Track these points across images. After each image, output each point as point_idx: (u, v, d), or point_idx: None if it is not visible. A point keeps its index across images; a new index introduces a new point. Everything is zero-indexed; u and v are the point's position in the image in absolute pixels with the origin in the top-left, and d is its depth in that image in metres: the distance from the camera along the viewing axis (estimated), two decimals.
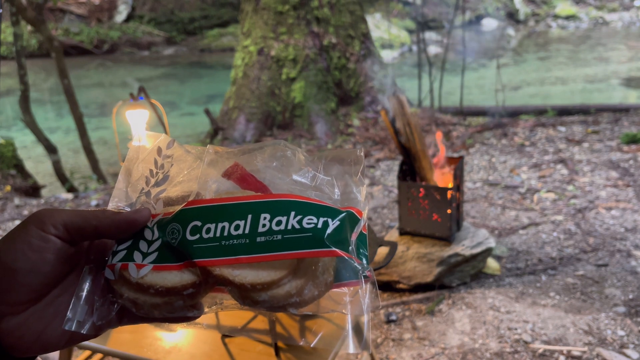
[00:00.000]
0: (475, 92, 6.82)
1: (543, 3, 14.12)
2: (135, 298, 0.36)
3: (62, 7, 12.43)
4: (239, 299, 0.36)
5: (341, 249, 0.37)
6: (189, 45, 12.47)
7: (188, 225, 0.36)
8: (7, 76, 7.37)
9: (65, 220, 0.35)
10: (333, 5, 5.37)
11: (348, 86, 5.39)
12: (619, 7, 13.79)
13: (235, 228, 0.36)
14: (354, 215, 0.39)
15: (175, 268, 0.36)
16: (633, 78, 7.32)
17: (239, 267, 0.35)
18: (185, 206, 0.37)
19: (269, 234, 0.36)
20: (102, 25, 12.40)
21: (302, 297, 0.36)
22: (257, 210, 0.36)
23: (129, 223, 0.37)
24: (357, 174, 0.41)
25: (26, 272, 0.34)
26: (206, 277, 0.36)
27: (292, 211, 0.36)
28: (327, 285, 0.37)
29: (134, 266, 0.36)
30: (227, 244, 0.36)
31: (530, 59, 9.35)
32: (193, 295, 0.37)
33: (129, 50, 12.03)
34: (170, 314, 0.37)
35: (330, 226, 0.37)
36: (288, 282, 0.36)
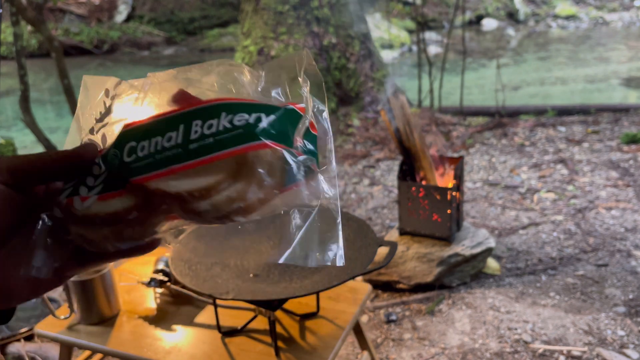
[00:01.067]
0: (475, 92, 6.82)
1: (543, 3, 14.12)
2: (84, 232, 0.35)
3: (62, 7, 12.43)
4: (183, 214, 0.35)
5: (280, 143, 0.35)
6: (189, 45, 12.47)
7: (125, 147, 0.35)
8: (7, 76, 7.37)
9: (8, 165, 0.34)
10: (333, 5, 5.37)
11: (348, 86, 5.39)
12: (619, 7, 13.78)
13: (168, 140, 0.34)
14: (295, 111, 0.37)
15: (117, 195, 0.35)
16: (633, 78, 7.32)
17: (174, 178, 0.34)
18: (122, 129, 0.36)
19: (201, 139, 0.34)
20: (102, 25, 12.40)
21: (247, 201, 0.34)
22: (189, 119, 0.35)
23: (74, 158, 0.36)
24: (300, 73, 0.39)
25: None
26: (146, 197, 0.34)
27: (223, 112, 0.35)
28: (274, 186, 0.34)
29: (78, 199, 0.35)
30: (161, 157, 0.34)
31: (530, 59, 9.35)
32: (139, 220, 0.35)
33: (129, 50, 12.03)
34: (123, 243, 0.36)
35: (264, 121, 0.35)
36: (227, 187, 0.34)
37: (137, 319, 1.29)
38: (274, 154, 0.34)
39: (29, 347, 1.92)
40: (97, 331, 1.26)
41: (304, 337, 1.19)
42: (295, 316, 1.26)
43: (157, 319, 1.29)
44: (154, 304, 1.35)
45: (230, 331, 1.21)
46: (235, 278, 1.19)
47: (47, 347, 1.92)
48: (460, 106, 5.23)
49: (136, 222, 0.35)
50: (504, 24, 13.42)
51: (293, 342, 1.17)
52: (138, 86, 0.39)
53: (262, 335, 1.20)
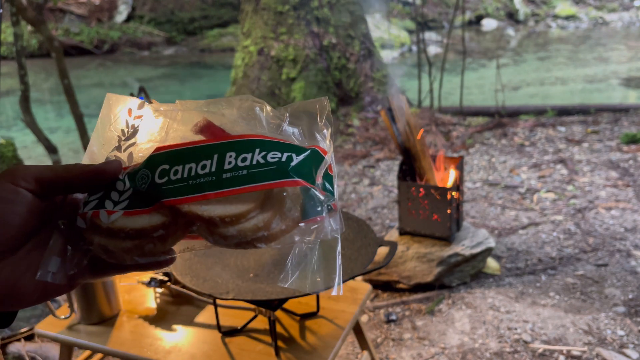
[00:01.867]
0: (475, 92, 6.82)
1: (543, 3, 14.12)
2: (107, 244, 0.37)
3: (62, 7, 12.43)
4: (209, 236, 0.37)
5: (305, 181, 0.38)
6: (189, 45, 12.46)
7: (156, 169, 0.37)
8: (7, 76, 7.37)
9: (36, 174, 0.36)
10: (333, 5, 5.37)
11: (348, 86, 5.39)
12: (618, 7, 13.78)
13: (202, 167, 0.37)
14: (318, 153, 0.40)
15: (145, 212, 0.37)
16: (633, 78, 7.32)
17: (206, 203, 0.36)
18: (154, 152, 0.38)
19: (234, 170, 0.37)
20: (102, 25, 12.40)
21: (270, 231, 0.37)
22: (223, 150, 0.37)
23: (100, 173, 0.38)
24: (322, 119, 0.42)
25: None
26: (175, 217, 0.37)
27: (257, 148, 0.37)
28: (294, 220, 0.37)
29: (105, 213, 0.37)
30: (194, 183, 0.37)
31: (530, 59, 9.35)
32: (163, 237, 0.37)
33: (129, 50, 12.03)
34: (142, 258, 0.38)
35: (295, 160, 0.38)
36: (255, 215, 0.36)
37: (137, 319, 1.30)
38: (300, 190, 0.37)
39: (29, 346, 1.92)
40: (97, 331, 1.26)
41: (304, 337, 1.19)
42: (295, 316, 1.26)
43: (157, 319, 1.29)
44: (154, 304, 1.35)
45: (230, 331, 1.22)
46: (235, 278, 1.20)
47: (47, 347, 1.92)
48: (460, 106, 5.23)
49: (160, 239, 0.37)
50: (504, 24, 13.42)
51: (293, 342, 1.17)
52: (164, 111, 0.41)
53: (262, 335, 1.20)
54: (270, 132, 0.40)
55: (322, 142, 0.41)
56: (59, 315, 1.27)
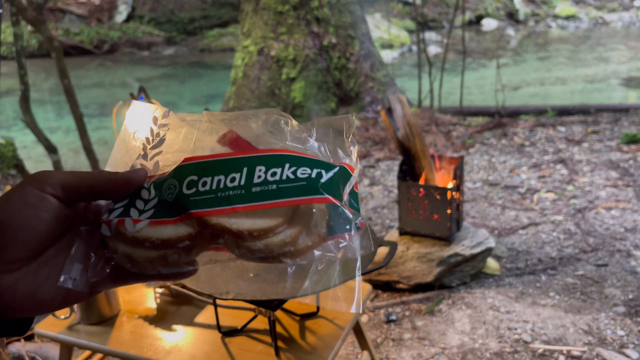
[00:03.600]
0: (475, 92, 6.82)
1: (543, 3, 14.12)
2: (131, 253, 0.36)
3: (62, 7, 12.43)
4: (235, 249, 0.37)
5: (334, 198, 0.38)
6: (189, 45, 12.47)
7: (184, 180, 0.37)
8: (7, 76, 7.38)
9: (62, 180, 0.36)
10: (333, 5, 5.37)
11: (348, 86, 5.39)
12: (618, 7, 13.78)
13: (231, 180, 0.37)
14: (347, 170, 0.40)
15: (172, 222, 0.37)
16: (633, 78, 7.32)
17: (235, 216, 0.36)
18: (182, 163, 0.38)
19: (264, 184, 0.37)
20: (102, 25, 12.40)
21: (296, 246, 0.37)
22: (252, 164, 0.37)
23: (125, 182, 0.38)
24: (348, 136, 0.42)
25: (21, 229, 0.34)
26: (202, 229, 0.36)
27: (287, 163, 0.37)
28: (320, 236, 0.37)
29: (130, 221, 0.37)
30: (223, 195, 0.36)
31: (530, 59, 9.35)
32: (188, 248, 0.37)
33: (129, 50, 12.03)
34: (165, 268, 0.38)
35: (324, 177, 0.38)
36: (283, 230, 0.36)
37: (137, 319, 1.29)
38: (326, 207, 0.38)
39: (29, 347, 1.92)
40: (97, 331, 1.26)
41: (304, 337, 1.19)
42: (295, 316, 1.26)
43: (157, 319, 1.29)
44: (154, 304, 1.35)
45: (230, 331, 1.22)
46: (235, 278, 1.20)
47: (47, 347, 1.93)
48: (460, 106, 5.23)
49: (185, 250, 0.37)
50: (504, 24, 13.42)
51: (293, 342, 1.17)
52: (190, 121, 0.42)
53: (262, 335, 1.20)
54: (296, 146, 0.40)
55: (348, 159, 0.41)
56: (59, 315, 1.27)
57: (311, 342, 1.17)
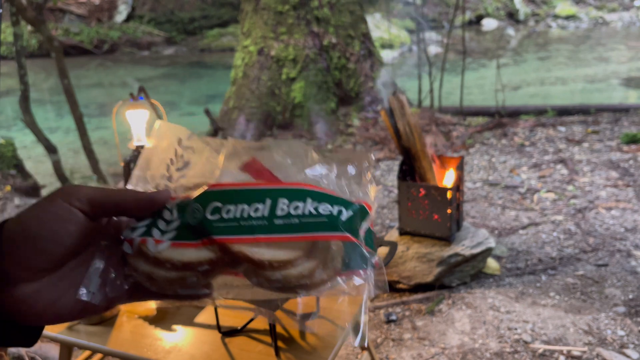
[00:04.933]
0: (475, 92, 6.82)
1: (543, 3, 14.12)
2: (151, 272, 0.38)
3: (62, 7, 12.42)
4: (253, 277, 0.38)
5: (353, 236, 0.39)
6: (189, 45, 12.46)
7: (208, 205, 0.38)
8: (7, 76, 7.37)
9: (90, 195, 0.37)
10: (333, 5, 5.37)
11: (348, 86, 5.39)
12: (618, 7, 13.78)
13: (255, 211, 0.38)
14: (364, 209, 0.41)
15: (193, 246, 0.38)
16: (633, 78, 7.32)
17: (257, 246, 0.37)
18: (207, 189, 0.40)
19: (287, 217, 0.38)
20: (102, 25, 12.39)
21: (312, 279, 0.38)
22: (275, 195, 0.39)
23: (149, 201, 0.39)
24: (367, 174, 0.43)
25: (48, 240, 0.35)
26: (223, 254, 0.38)
27: (309, 198, 0.39)
28: (335, 270, 0.39)
29: (152, 241, 0.38)
30: (246, 225, 0.38)
31: (530, 59, 9.35)
32: (207, 272, 0.38)
33: (129, 50, 12.03)
34: (182, 290, 0.39)
35: (344, 214, 0.39)
36: (301, 263, 0.38)
37: (137, 319, 1.29)
38: (345, 244, 0.39)
39: None
40: (97, 331, 1.26)
41: (304, 337, 1.19)
42: (296, 316, 1.26)
43: (157, 319, 1.29)
44: (154, 304, 1.34)
45: (230, 331, 1.21)
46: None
47: (47, 347, 1.92)
48: (460, 106, 5.23)
49: (204, 273, 0.38)
50: (504, 24, 13.42)
51: (293, 342, 1.17)
52: (213, 145, 0.43)
53: (262, 335, 1.20)
54: (316, 181, 0.42)
55: (367, 197, 0.42)
56: None
57: (311, 342, 1.17)
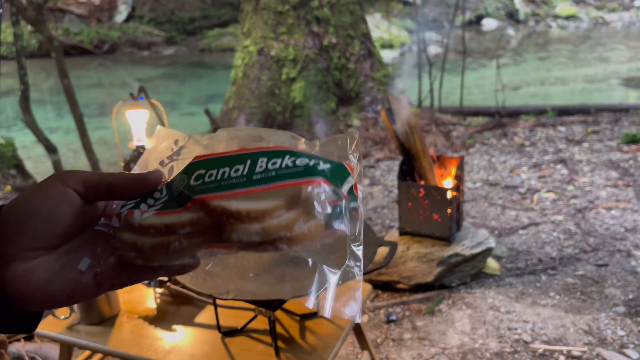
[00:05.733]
0: (475, 92, 6.82)
1: (543, 3, 14.12)
2: (135, 240, 0.38)
3: (62, 7, 12.43)
4: (233, 233, 0.38)
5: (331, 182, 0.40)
6: (189, 45, 12.47)
7: (193, 174, 0.40)
8: (7, 76, 7.37)
9: (84, 178, 0.38)
10: (333, 5, 5.37)
11: (348, 86, 5.39)
12: (618, 7, 13.78)
13: (235, 171, 0.39)
14: (345, 168, 0.42)
15: (177, 212, 0.39)
16: (633, 78, 7.32)
17: (235, 199, 0.38)
18: (193, 160, 0.41)
19: (265, 172, 0.39)
20: (102, 25, 12.40)
21: (292, 232, 0.38)
22: (256, 157, 0.40)
23: (142, 180, 0.40)
24: (350, 148, 0.44)
25: (42, 219, 0.36)
26: (204, 214, 0.38)
27: (287, 155, 0.40)
28: (317, 226, 0.39)
29: (138, 212, 0.39)
30: (226, 184, 0.39)
31: (530, 59, 9.35)
32: (189, 235, 0.38)
33: (129, 50, 12.03)
34: (168, 259, 0.39)
35: (322, 165, 0.40)
36: (280, 215, 0.38)
37: (137, 319, 1.29)
38: (325, 197, 0.39)
39: (29, 347, 1.92)
40: (97, 331, 1.26)
41: (304, 337, 1.19)
42: (295, 316, 1.26)
43: (157, 319, 1.29)
44: (154, 304, 1.35)
45: (230, 331, 1.21)
46: (235, 278, 1.19)
47: (47, 347, 1.92)
48: (460, 106, 5.23)
49: (186, 236, 0.39)
50: (504, 24, 13.42)
51: (293, 342, 1.17)
52: (204, 142, 0.45)
53: (262, 335, 1.20)
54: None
55: (348, 161, 0.43)
56: (59, 315, 1.27)
57: (311, 342, 1.17)
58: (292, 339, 1.18)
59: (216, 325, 1.22)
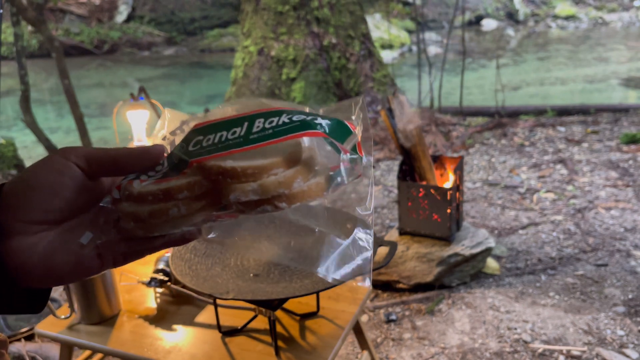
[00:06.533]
0: (475, 92, 6.83)
1: (543, 3, 14.12)
2: (135, 209, 0.38)
3: (63, 8, 12.43)
4: (230, 193, 0.37)
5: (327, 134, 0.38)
6: (189, 45, 12.47)
7: (191, 141, 0.40)
8: (7, 76, 7.37)
9: (86, 153, 0.38)
10: (333, 5, 5.37)
11: (348, 86, 5.39)
12: (618, 7, 13.78)
13: (232, 133, 0.39)
14: (346, 125, 0.41)
15: (174, 178, 0.38)
16: (633, 78, 7.32)
17: (232, 158, 0.37)
18: (192, 128, 0.41)
19: (261, 131, 0.38)
20: (102, 25, 12.40)
21: (291, 190, 0.37)
22: (253, 118, 0.39)
23: (144, 154, 0.40)
24: (355, 111, 0.43)
25: (44, 191, 0.37)
26: (201, 176, 0.38)
27: (284, 113, 0.39)
28: (318, 185, 0.38)
29: (138, 181, 0.39)
30: (223, 145, 0.38)
31: (530, 59, 9.35)
32: (188, 200, 0.38)
33: (129, 50, 12.03)
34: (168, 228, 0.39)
35: (320, 120, 0.39)
36: (277, 172, 0.37)
37: (138, 319, 1.30)
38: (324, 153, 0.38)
39: (30, 346, 1.93)
40: (98, 331, 1.26)
41: (304, 337, 1.19)
42: (295, 316, 1.26)
43: (158, 319, 1.29)
44: (155, 304, 1.35)
45: (230, 331, 1.22)
46: (235, 278, 1.20)
47: (47, 347, 1.93)
48: (460, 106, 5.23)
49: (184, 201, 0.38)
50: (504, 24, 13.42)
51: (293, 342, 1.18)
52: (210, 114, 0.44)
53: (262, 335, 1.20)
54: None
55: (350, 122, 0.42)
56: (59, 315, 1.28)
57: (311, 342, 1.17)
58: (292, 338, 1.19)
59: (216, 325, 1.22)
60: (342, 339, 1.19)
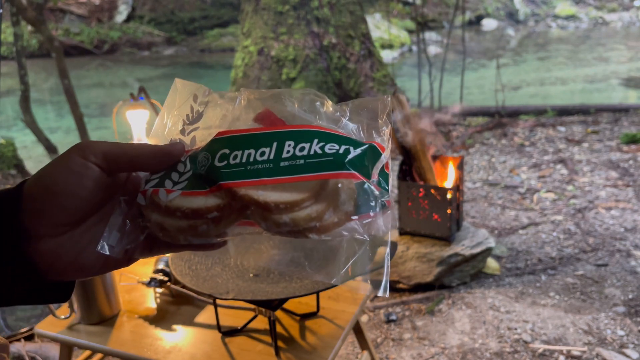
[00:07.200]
0: (475, 92, 6.82)
1: (543, 3, 14.12)
2: (163, 221, 0.38)
3: (63, 7, 12.43)
4: (262, 222, 0.38)
5: (361, 175, 0.38)
6: (189, 45, 12.46)
7: (217, 153, 0.39)
8: (7, 76, 7.37)
9: (105, 150, 0.38)
10: (333, 5, 5.37)
11: (348, 86, 5.39)
12: (618, 7, 13.78)
13: (261, 154, 0.38)
14: (376, 149, 0.40)
15: (202, 194, 0.38)
16: (633, 78, 7.32)
17: (262, 189, 0.37)
18: (215, 136, 0.40)
19: (292, 159, 0.38)
20: (102, 25, 12.40)
21: (322, 222, 0.37)
22: (282, 138, 0.38)
23: (164, 154, 0.39)
24: (382, 117, 0.42)
25: (66, 195, 0.36)
26: (231, 200, 0.38)
27: (315, 139, 0.38)
28: (347, 214, 0.38)
29: (164, 191, 0.38)
30: (252, 169, 0.38)
31: (530, 59, 9.35)
32: (217, 219, 0.38)
33: (129, 50, 12.03)
34: (195, 238, 0.39)
35: (352, 153, 0.38)
36: (309, 205, 0.37)
37: (138, 319, 1.30)
38: (355, 186, 0.38)
39: (29, 346, 1.92)
40: (98, 331, 1.26)
41: (304, 337, 1.19)
42: (295, 316, 1.26)
43: (157, 319, 1.29)
44: (154, 304, 1.35)
45: (230, 331, 1.22)
46: (235, 278, 1.20)
47: (47, 347, 1.93)
48: (460, 104, 5.23)
49: (213, 221, 0.38)
50: (504, 24, 13.42)
51: (293, 342, 1.17)
52: (228, 99, 0.43)
53: (262, 335, 1.20)
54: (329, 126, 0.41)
55: (380, 139, 0.42)
56: (59, 315, 1.27)
57: (311, 342, 1.17)
58: (292, 338, 1.19)
59: (216, 325, 1.22)
60: (342, 339, 1.19)
